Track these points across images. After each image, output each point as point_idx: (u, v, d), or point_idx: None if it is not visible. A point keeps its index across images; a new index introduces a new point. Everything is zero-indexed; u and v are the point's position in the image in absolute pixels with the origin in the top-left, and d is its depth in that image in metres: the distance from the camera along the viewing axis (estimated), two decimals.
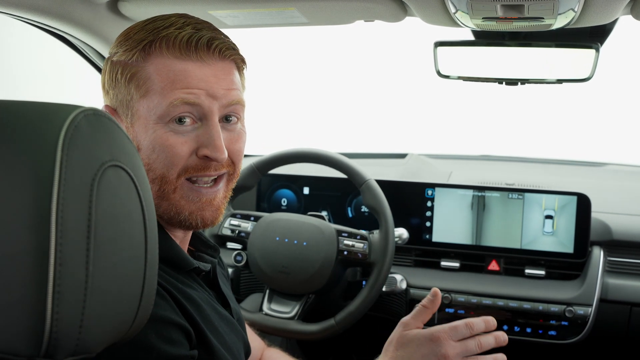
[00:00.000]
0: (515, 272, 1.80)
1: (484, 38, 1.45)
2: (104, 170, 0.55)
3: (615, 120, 3.69)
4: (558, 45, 1.39)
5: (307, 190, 1.99)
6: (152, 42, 0.86)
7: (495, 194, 1.80)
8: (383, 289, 1.64)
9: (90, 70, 1.54)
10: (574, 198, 1.74)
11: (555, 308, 1.68)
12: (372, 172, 1.67)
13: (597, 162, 2.35)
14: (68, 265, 0.52)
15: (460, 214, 1.82)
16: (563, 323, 1.68)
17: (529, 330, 1.71)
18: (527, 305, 1.71)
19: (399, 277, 1.75)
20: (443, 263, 1.84)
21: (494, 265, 1.82)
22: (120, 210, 0.57)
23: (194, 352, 0.81)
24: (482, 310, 1.74)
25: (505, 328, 1.72)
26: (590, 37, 1.39)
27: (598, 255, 1.75)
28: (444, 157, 2.43)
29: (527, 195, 1.77)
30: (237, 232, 1.71)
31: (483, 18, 1.19)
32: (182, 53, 0.86)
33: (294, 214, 1.69)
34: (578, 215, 1.73)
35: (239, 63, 0.93)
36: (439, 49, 1.45)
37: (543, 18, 1.17)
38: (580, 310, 1.67)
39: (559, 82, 1.45)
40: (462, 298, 1.75)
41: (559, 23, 1.21)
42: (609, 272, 1.75)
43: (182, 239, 0.95)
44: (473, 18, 1.20)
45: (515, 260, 1.81)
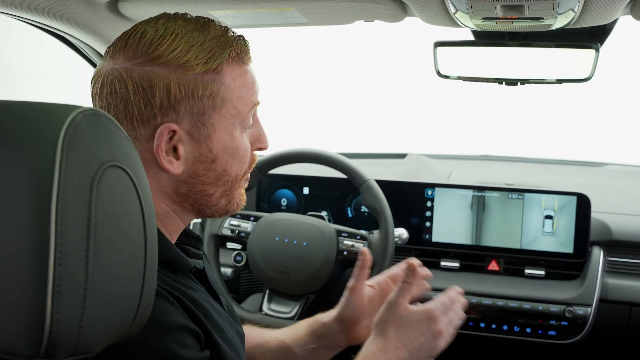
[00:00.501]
0: (515, 272, 1.80)
1: (484, 38, 1.45)
2: (104, 171, 0.55)
3: (615, 120, 3.69)
4: (558, 46, 1.39)
5: (307, 191, 1.99)
6: (229, 54, 0.85)
7: (495, 194, 1.80)
8: None
9: (91, 71, 1.54)
10: (574, 198, 1.74)
11: (555, 308, 1.69)
12: (372, 172, 1.67)
13: (597, 162, 2.35)
14: (67, 265, 0.52)
15: (460, 214, 1.82)
16: (563, 323, 1.68)
17: (529, 330, 1.71)
18: (526, 305, 1.71)
19: None
20: (443, 263, 1.84)
21: (494, 266, 1.82)
22: (120, 211, 0.57)
23: (206, 352, 0.82)
24: (481, 310, 1.74)
25: (505, 328, 1.73)
26: (590, 37, 1.39)
27: (598, 256, 1.75)
28: (444, 157, 2.44)
29: (526, 196, 1.77)
30: (237, 232, 1.71)
31: (483, 18, 1.20)
32: (247, 59, 0.89)
33: (294, 214, 1.69)
34: (578, 216, 1.74)
35: None
36: (439, 49, 1.45)
37: (543, 18, 1.18)
38: (580, 311, 1.67)
39: (559, 82, 1.45)
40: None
41: (559, 23, 1.21)
42: (609, 272, 1.75)
43: (175, 236, 0.95)
44: (473, 18, 1.20)
45: (515, 260, 1.81)
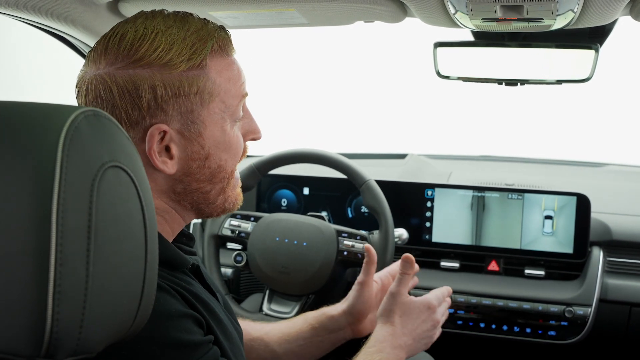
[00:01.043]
0: (515, 272, 1.80)
1: (484, 39, 1.45)
2: (104, 171, 0.55)
3: (615, 121, 3.70)
4: (558, 46, 1.39)
5: (307, 191, 1.99)
6: (211, 47, 0.84)
7: (495, 195, 1.80)
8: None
9: None
10: (574, 198, 1.74)
11: (555, 308, 1.69)
12: (372, 172, 1.67)
13: (596, 162, 2.35)
14: (68, 266, 0.52)
15: (460, 215, 1.82)
16: (562, 323, 1.68)
17: (529, 331, 1.71)
18: (526, 306, 1.71)
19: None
20: (443, 263, 1.84)
21: (494, 266, 1.82)
22: (121, 211, 0.57)
23: (210, 336, 0.82)
24: (481, 311, 1.74)
25: (505, 328, 1.73)
26: (590, 37, 1.39)
27: (597, 256, 1.75)
28: (444, 157, 2.44)
29: (526, 196, 1.78)
30: (237, 232, 1.71)
31: (482, 19, 1.20)
32: (230, 50, 0.88)
33: (294, 215, 1.69)
34: (578, 216, 1.74)
35: None
36: (439, 50, 1.45)
37: (542, 19, 1.18)
38: (580, 311, 1.67)
39: (559, 82, 1.45)
40: (462, 298, 1.75)
41: (559, 24, 1.21)
42: (609, 272, 1.75)
43: (175, 233, 0.96)
44: (472, 19, 1.20)
45: (515, 261, 1.81)
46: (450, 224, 1.84)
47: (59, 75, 2.93)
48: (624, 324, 1.70)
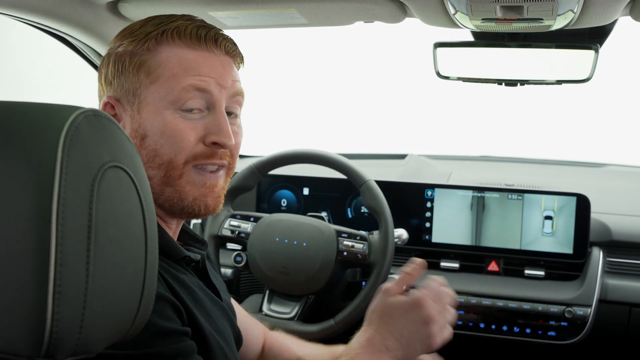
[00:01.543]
0: (515, 272, 1.80)
1: (484, 39, 1.45)
2: (105, 171, 0.55)
3: (615, 121, 3.69)
4: (557, 46, 1.39)
5: (306, 191, 1.99)
6: (163, 32, 0.89)
7: (495, 195, 1.80)
8: None
9: (91, 71, 1.54)
10: (574, 199, 1.74)
11: (555, 309, 1.69)
12: (372, 172, 1.67)
13: (596, 162, 2.35)
14: (68, 266, 0.52)
15: (460, 215, 1.82)
16: (562, 324, 1.68)
17: (529, 331, 1.71)
18: (526, 306, 1.71)
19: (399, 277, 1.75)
20: (443, 264, 1.84)
21: (494, 266, 1.82)
22: (121, 211, 0.57)
23: (187, 329, 0.82)
24: (481, 311, 1.74)
25: (505, 329, 1.73)
26: (590, 38, 1.39)
27: (597, 256, 1.75)
28: (444, 157, 2.43)
29: (526, 196, 1.78)
30: (237, 232, 1.71)
31: (482, 19, 1.20)
32: (192, 42, 0.90)
33: (294, 215, 1.69)
34: (577, 216, 1.74)
35: (238, 61, 0.97)
36: (439, 50, 1.45)
37: (542, 19, 1.18)
38: (580, 311, 1.67)
39: (559, 82, 1.45)
40: (461, 299, 1.75)
41: (559, 24, 1.21)
42: (609, 272, 1.75)
43: (174, 231, 0.96)
44: (472, 19, 1.20)
45: (515, 261, 1.81)
46: (450, 224, 1.84)
47: (59, 76, 2.93)
48: (624, 325, 1.70)
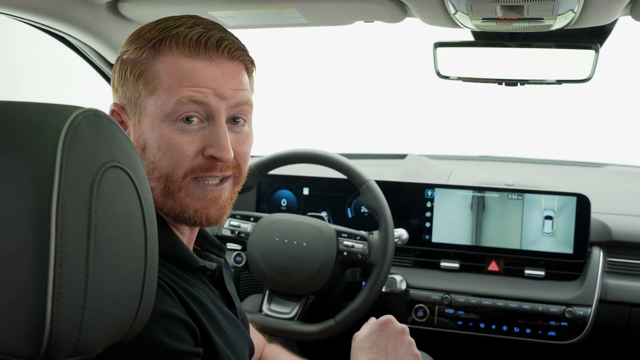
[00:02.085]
0: (515, 272, 1.80)
1: (484, 39, 1.45)
2: (104, 171, 0.55)
3: (615, 121, 3.70)
4: (558, 46, 1.39)
5: (306, 191, 1.99)
6: (162, 40, 0.87)
7: (495, 195, 1.80)
8: (383, 290, 1.64)
9: (90, 71, 1.54)
10: (574, 199, 1.74)
11: (555, 309, 1.69)
12: (372, 172, 1.67)
13: (596, 162, 2.35)
14: (68, 266, 0.52)
15: (460, 215, 1.82)
16: (563, 324, 1.68)
17: (529, 331, 1.71)
18: (526, 306, 1.71)
19: (399, 277, 1.75)
20: (443, 264, 1.84)
21: (494, 266, 1.82)
22: (120, 211, 0.57)
23: (200, 349, 0.81)
24: (481, 311, 1.74)
25: (505, 329, 1.73)
26: (590, 37, 1.39)
27: (598, 256, 1.75)
28: (444, 157, 2.43)
29: (526, 196, 1.77)
30: (236, 232, 1.71)
31: (482, 19, 1.20)
32: (191, 51, 0.86)
33: (294, 215, 1.69)
34: (578, 216, 1.74)
35: (248, 65, 0.93)
36: (439, 50, 1.45)
37: (543, 19, 1.18)
38: (580, 311, 1.67)
39: (559, 82, 1.45)
40: (461, 299, 1.75)
41: (559, 24, 1.21)
42: (609, 272, 1.75)
43: (188, 237, 0.95)
44: (472, 19, 1.20)
45: (515, 261, 1.81)
46: (450, 224, 1.84)
47: (59, 76, 2.93)
48: (624, 325, 1.70)
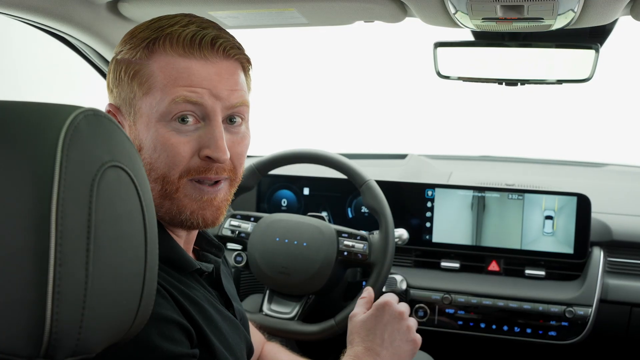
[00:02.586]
0: (516, 272, 1.80)
1: (484, 39, 1.45)
2: (104, 171, 0.55)
3: (615, 121, 3.69)
4: (558, 46, 1.39)
5: (307, 191, 1.99)
6: (155, 39, 0.85)
7: (495, 195, 1.80)
8: (383, 290, 1.64)
9: (90, 71, 1.54)
10: (574, 198, 1.74)
11: (556, 308, 1.68)
12: (372, 172, 1.66)
13: (597, 162, 2.35)
14: (68, 266, 0.52)
15: (460, 215, 1.82)
16: (563, 323, 1.68)
17: (529, 331, 1.71)
18: (527, 306, 1.71)
19: (399, 277, 1.75)
20: (443, 263, 1.84)
21: (494, 266, 1.82)
22: (120, 211, 0.57)
23: (195, 351, 0.81)
24: (482, 311, 1.74)
25: (506, 329, 1.73)
26: (590, 37, 1.39)
27: (598, 256, 1.75)
28: (444, 157, 2.43)
29: (527, 196, 1.77)
30: (237, 232, 1.70)
31: (483, 18, 1.20)
32: (185, 51, 0.84)
33: (294, 215, 1.69)
34: (578, 216, 1.73)
35: (244, 63, 0.92)
36: (439, 50, 1.45)
37: (543, 18, 1.18)
38: (580, 311, 1.67)
39: (559, 82, 1.45)
40: (462, 299, 1.75)
41: (559, 23, 1.21)
42: (609, 272, 1.75)
43: (185, 239, 0.94)
44: (473, 18, 1.20)
45: (515, 261, 1.81)
46: (451, 224, 1.84)
47: (59, 76, 2.93)
48: (625, 325, 1.70)
